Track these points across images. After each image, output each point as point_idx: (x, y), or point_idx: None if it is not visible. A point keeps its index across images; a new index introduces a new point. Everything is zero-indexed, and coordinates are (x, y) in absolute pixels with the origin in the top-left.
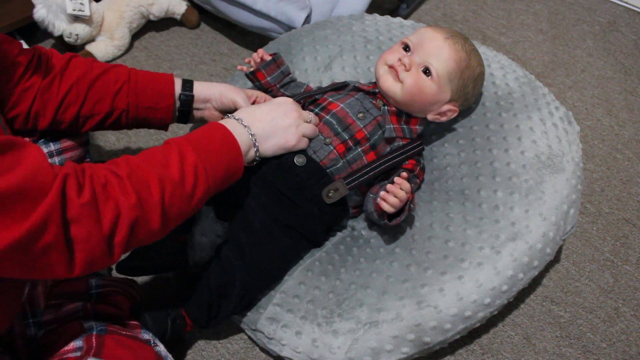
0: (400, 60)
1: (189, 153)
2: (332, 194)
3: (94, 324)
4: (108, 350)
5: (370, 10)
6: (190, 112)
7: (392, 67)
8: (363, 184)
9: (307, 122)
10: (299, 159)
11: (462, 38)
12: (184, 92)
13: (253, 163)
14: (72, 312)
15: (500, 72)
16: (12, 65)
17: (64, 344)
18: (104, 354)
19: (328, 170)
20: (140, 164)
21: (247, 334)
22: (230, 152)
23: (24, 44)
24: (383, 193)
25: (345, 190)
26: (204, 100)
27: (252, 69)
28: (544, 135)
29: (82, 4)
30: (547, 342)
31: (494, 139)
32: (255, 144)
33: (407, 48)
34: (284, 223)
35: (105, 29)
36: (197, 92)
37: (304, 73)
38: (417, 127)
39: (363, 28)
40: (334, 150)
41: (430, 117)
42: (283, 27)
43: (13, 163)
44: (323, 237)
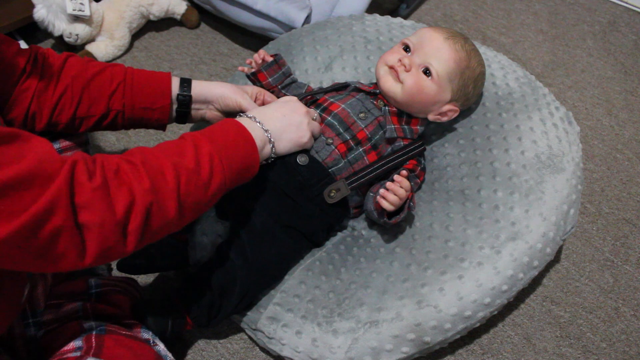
0: (401, 61)
1: (204, 143)
2: (333, 194)
3: (94, 324)
4: (108, 350)
5: (370, 11)
6: (189, 112)
7: (392, 67)
8: (364, 185)
9: (313, 119)
10: (302, 158)
11: (462, 38)
12: (182, 92)
13: (268, 160)
14: (71, 311)
15: (501, 72)
16: (9, 66)
17: (64, 344)
18: (104, 354)
19: (330, 170)
20: (155, 153)
21: (247, 334)
22: (246, 146)
23: (24, 44)
24: (383, 191)
25: (347, 191)
26: (204, 101)
27: (253, 70)
28: (544, 136)
29: (82, 4)
30: (547, 342)
31: (494, 139)
32: (271, 140)
33: (407, 49)
34: (285, 223)
35: (105, 29)
36: (195, 92)
37: (305, 73)
38: (418, 127)
39: (363, 28)
40: (336, 150)
41: (431, 117)
42: (283, 27)
43: (21, 152)
44: (324, 237)
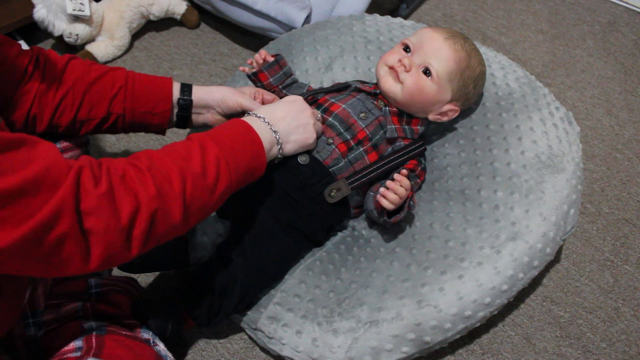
0: (401, 61)
1: (211, 146)
2: (334, 194)
3: (94, 324)
4: (108, 350)
5: (370, 11)
6: (189, 117)
7: (392, 68)
8: (365, 184)
9: (317, 120)
10: (303, 158)
11: (462, 38)
12: (182, 96)
13: (275, 161)
14: (71, 311)
15: (501, 72)
16: (11, 68)
17: (64, 344)
18: (104, 354)
19: (330, 170)
20: (161, 157)
21: (247, 334)
22: (253, 147)
23: (24, 44)
24: (383, 190)
25: (348, 190)
26: (204, 106)
27: (254, 70)
28: (544, 136)
29: (82, 4)
30: (547, 342)
31: (495, 139)
32: (279, 142)
33: (407, 49)
34: (286, 222)
35: (105, 29)
36: (196, 97)
37: (305, 73)
38: (418, 127)
39: (363, 28)
40: (336, 150)
41: (432, 117)
42: (283, 27)
43: (27, 158)
44: (324, 236)
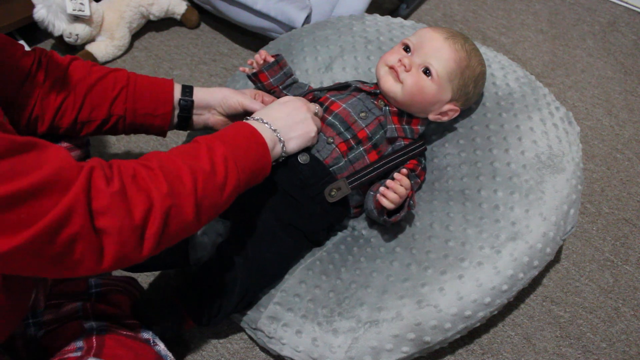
0: (401, 61)
1: (218, 146)
2: (334, 193)
3: (94, 324)
4: (108, 350)
5: (370, 11)
6: (190, 118)
7: (392, 67)
8: (365, 184)
9: (315, 113)
10: (303, 157)
11: (462, 38)
12: (184, 97)
13: (279, 160)
14: (72, 311)
15: (501, 72)
16: (15, 69)
17: (64, 344)
18: (104, 354)
19: (331, 169)
20: (170, 157)
21: (247, 333)
22: (257, 147)
23: (25, 45)
24: (383, 189)
25: (348, 190)
26: (205, 107)
27: (254, 71)
28: (544, 136)
29: (82, 4)
30: (547, 342)
31: (495, 139)
32: (281, 140)
33: (407, 49)
34: (286, 222)
35: (105, 29)
36: (197, 97)
37: (305, 73)
38: (418, 127)
39: (363, 28)
40: (336, 149)
41: (432, 117)
42: (283, 27)
43: (38, 161)
44: (324, 236)
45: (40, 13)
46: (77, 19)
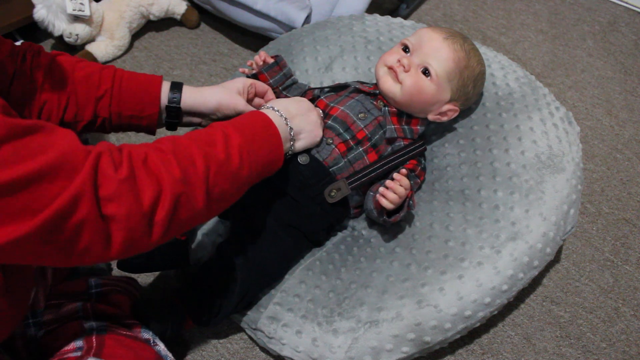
0: (400, 62)
1: (234, 135)
2: (334, 194)
3: (94, 324)
4: (108, 350)
5: (370, 11)
6: (178, 123)
7: (391, 68)
8: (365, 184)
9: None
10: (303, 158)
11: (461, 38)
12: (171, 103)
13: (286, 157)
14: (72, 311)
15: (501, 72)
16: (3, 66)
17: (64, 344)
18: (104, 354)
19: (330, 170)
20: (185, 142)
21: (247, 334)
22: (272, 140)
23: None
24: (382, 189)
25: (347, 190)
26: (197, 114)
27: (254, 72)
28: (544, 136)
29: (82, 4)
30: (547, 342)
31: (494, 139)
32: (292, 138)
33: (406, 49)
34: (286, 222)
35: (105, 29)
36: (186, 103)
37: (305, 73)
38: (418, 127)
39: (363, 28)
40: (336, 150)
41: (431, 117)
42: (283, 27)
43: (45, 143)
44: (324, 236)
45: (40, 13)
46: (77, 19)
